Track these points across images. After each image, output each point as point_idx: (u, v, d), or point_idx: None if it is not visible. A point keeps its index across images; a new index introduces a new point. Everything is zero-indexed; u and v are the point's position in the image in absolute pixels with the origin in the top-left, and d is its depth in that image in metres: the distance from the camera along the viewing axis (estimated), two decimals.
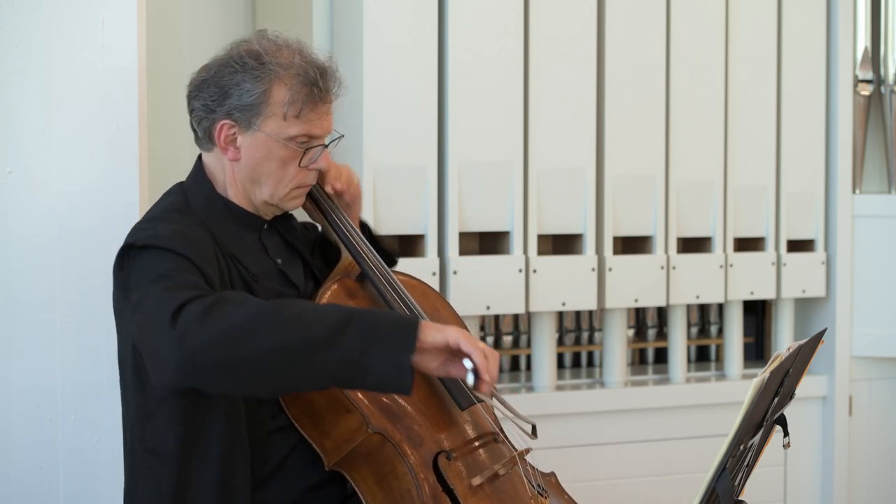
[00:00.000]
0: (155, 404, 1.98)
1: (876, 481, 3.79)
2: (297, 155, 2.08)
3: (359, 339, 1.82)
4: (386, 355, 1.82)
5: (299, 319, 1.83)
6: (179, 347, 1.78)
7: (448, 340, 1.89)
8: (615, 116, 3.32)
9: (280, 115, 2.05)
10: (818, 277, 3.67)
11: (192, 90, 2.12)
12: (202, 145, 2.15)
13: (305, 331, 1.82)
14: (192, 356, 1.78)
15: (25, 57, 2.34)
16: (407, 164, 3.05)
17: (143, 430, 2.00)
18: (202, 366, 1.79)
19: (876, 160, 3.83)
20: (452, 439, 2.10)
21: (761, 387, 1.69)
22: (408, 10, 3.05)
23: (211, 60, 2.12)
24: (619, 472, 3.41)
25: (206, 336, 1.78)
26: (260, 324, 1.80)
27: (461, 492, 2.02)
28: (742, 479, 1.94)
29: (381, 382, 1.85)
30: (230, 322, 1.79)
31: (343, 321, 1.83)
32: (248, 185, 2.11)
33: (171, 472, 1.97)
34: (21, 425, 2.36)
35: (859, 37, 3.71)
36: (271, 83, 2.04)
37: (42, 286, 2.37)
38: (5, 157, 2.34)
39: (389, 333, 1.84)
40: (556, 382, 3.39)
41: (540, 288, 3.21)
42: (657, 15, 3.37)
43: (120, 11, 2.41)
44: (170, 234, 1.96)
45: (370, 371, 1.82)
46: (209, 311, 1.79)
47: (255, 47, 2.07)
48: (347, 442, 2.03)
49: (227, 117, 2.06)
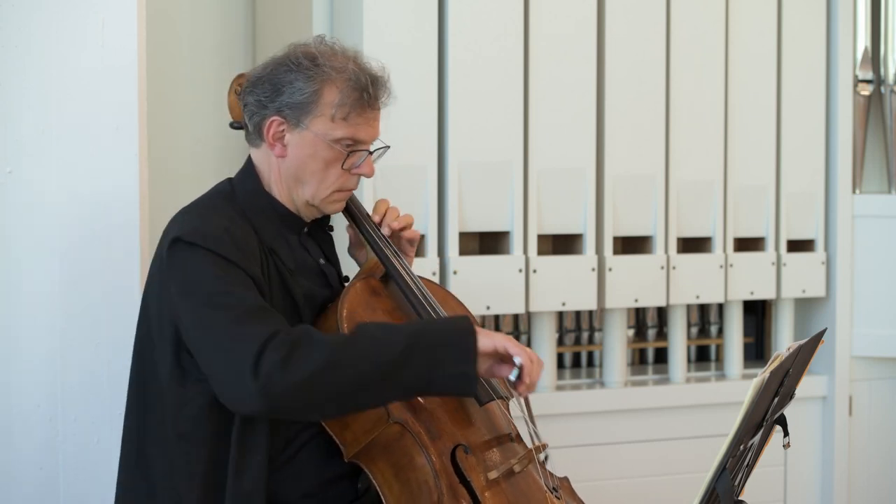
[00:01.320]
0: (193, 393, 2.04)
1: (876, 481, 3.79)
2: (340, 157, 2.13)
3: (426, 356, 1.96)
4: (452, 368, 1.97)
5: (373, 351, 1.95)
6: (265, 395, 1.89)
7: (496, 346, 2.02)
8: (615, 116, 3.32)
9: (328, 116, 2.10)
10: (818, 277, 3.67)
11: (248, 86, 2.17)
12: (252, 141, 2.19)
13: (380, 360, 1.94)
14: (280, 401, 1.91)
15: (25, 57, 2.34)
16: (407, 164, 3.05)
17: (176, 416, 2.05)
18: (289, 407, 1.94)
19: (876, 160, 3.83)
20: (470, 434, 2.12)
21: (761, 387, 1.69)
22: (408, 10, 3.05)
23: (268, 60, 2.18)
24: (619, 472, 3.41)
25: (292, 383, 1.90)
26: (336, 363, 1.92)
27: (478, 485, 2.04)
28: (742, 479, 1.94)
29: (448, 390, 2.02)
30: (311, 369, 1.91)
31: (410, 342, 1.96)
32: (292, 183, 2.15)
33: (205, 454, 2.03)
34: (21, 425, 2.36)
35: (859, 37, 3.71)
36: (323, 84, 2.10)
37: (42, 286, 2.37)
38: (5, 157, 2.34)
39: (454, 346, 1.99)
40: (556, 382, 3.39)
41: (540, 288, 3.21)
42: (657, 15, 3.37)
43: (120, 11, 2.41)
44: (217, 235, 2.02)
45: (437, 383, 1.98)
46: (290, 358, 1.90)
47: (312, 50, 2.14)
48: (367, 433, 2.06)
49: (278, 114, 2.11)
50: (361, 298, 2.16)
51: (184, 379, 2.04)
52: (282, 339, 1.92)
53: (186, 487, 2.03)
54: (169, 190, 2.58)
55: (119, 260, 2.43)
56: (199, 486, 2.03)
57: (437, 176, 3.09)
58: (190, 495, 2.03)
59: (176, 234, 2.03)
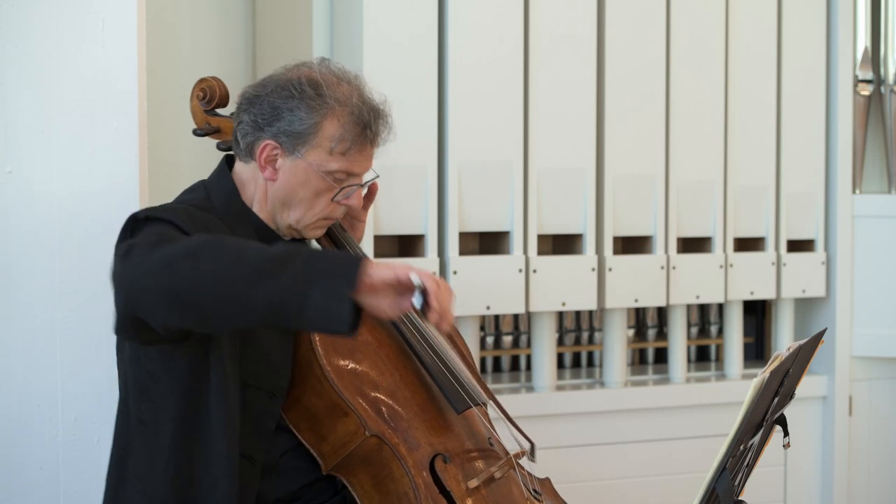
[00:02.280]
0: (150, 378, 1.99)
1: (876, 481, 3.79)
2: (332, 189, 2.09)
3: (299, 271, 1.74)
4: (326, 289, 1.72)
5: (242, 250, 1.78)
6: (127, 274, 1.78)
7: (397, 274, 1.78)
8: (615, 116, 3.32)
9: (326, 149, 2.06)
10: (818, 277, 3.67)
11: (244, 103, 2.12)
12: (240, 156, 2.15)
13: (245, 260, 1.76)
14: (136, 281, 1.77)
15: (25, 57, 2.34)
16: (407, 164, 3.05)
17: (138, 402, 2.01)
18: (143, 291, 1.78)
19: (876, 160, 3.83)
20: (449, 443, 2.10)
21: (761, 387, 1.69)
22: (408, 11, 3.05)
23: (268, 78, 2.13)
24: (619, 472, 3.41)
25: (151, 262, 1.77)
26: (202, 251, 1.77)
27: (458, 494, 2.02)
28: (742, 479, 1.94)
29: (320, 318, 1.73)
30: (175, 249, 1.77)
31: (287, 253, 1.77)
32: (278, 206, 2.12)
33: (163, 446, 1.97)
34: (21, 425, 2.36)
35: (859, 37, 3.71)
36: (324, 116, 2.06)
37: (42, 286, 2.37)
38: (5, 157, 2.34)
39: (331, 268, 1.75)
40: (556, 382, 3.39)
41: (540, 288, 3.21)
42: (657, 15, 3.37)
43: (120, 12, 2.41)
44: (174, 209, 1.97)
45: (309, 305, 1.72)
46: (159, 243, 1.79)
47: (316, 76, 2.09)
48: (345, 445, 2.03)
49: (274, 138, 2.07)
50: None
51: (138, 361, 2.00)
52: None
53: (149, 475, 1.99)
54: (169, 190, 2.56)
55: None
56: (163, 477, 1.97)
57: (437, 176, 3.09)
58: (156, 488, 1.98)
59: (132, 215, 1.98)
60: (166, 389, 1.98)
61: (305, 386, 2.05)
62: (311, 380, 2.04)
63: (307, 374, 2.05)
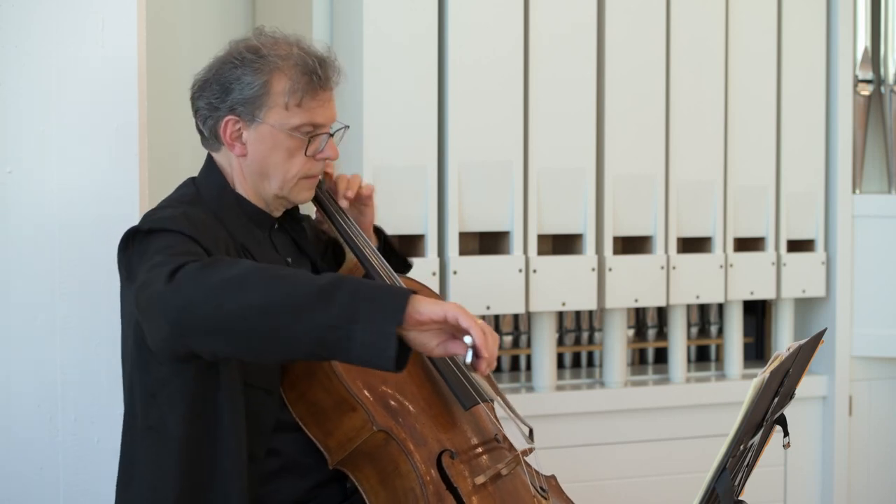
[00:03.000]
0: (159, 383, 1.99)
1: (876, 481, 3.79)
2: (302, 144, 2.09)
3: (346, 304, 1.72)
4: (372, 324, 1.71)
5: (289, 280, 1.77)
6: (172, 301, 1.76)
7: (446, 314, 1.76)
8: (615, 116, 3.32)
9: (282, 105, 2.07)
10: (818, 277, 3.67)
11: (196, 91, 2.14)
12: (210, 145, 2.16)
13: (293, 291, 1.74)
14: (184, 309, 1.76)
15: (25, 57, 2.34)
16: (407, 164, 3.05)
17: (146, 408, 2.01)
18: (192, 319, 1.76)
19: (876, 160, 3.83)
20: (456, 439, 2.10)
21: (761, 387, 1.69)
22: (408, 10, 3.05)
23: (212, 60, 2.14)
24: (619, 472, 3.41)
25: (198, 290, 1.76)
26: (249, 280, 1.76)
27: (464, 490, 2.02)
28: (742, 479, 1.94)
29: (365, 354, 1.72)
30: (221, 277, 1.76)
31: (332, 285, 1.74)
32: (258, 179, 2.12)
33: (173, 450, 1.97)
34: (21, 425, 2.36)
35: (859, 37, 3.71)
36: (271, 74, 2.06)
37: (42, 286, 2.37)
38: (5, 157, 2.34)
39: (379, 302, 1.72)
40: (556, 382, 3.39)
41: (540, 288, 3.21)
42: (657, 15, 3.37)
43: (120, 11, 2.41)
44: (174, 216, 1.98)
45: (354, 339, 1.71)
46: (204, 269, 1.78)
47: (254, 42, 2.10)
48: (351, 440, 2.03)
49: (231, 112, 2.08)
50: None
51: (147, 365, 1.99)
52: (207, 258, 1.84)
53: (159, 483, 1.99)
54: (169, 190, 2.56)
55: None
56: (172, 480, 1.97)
57: (437, 176, 3.09)
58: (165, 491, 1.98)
59: (133, 228, 1.99)
60: (176, 393, 1.98)
61: (313, 381, 2.05)
62: (319, 374, 2.04)
63: (315, 369, 2.05)
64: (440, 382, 2.15)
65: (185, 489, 1.97)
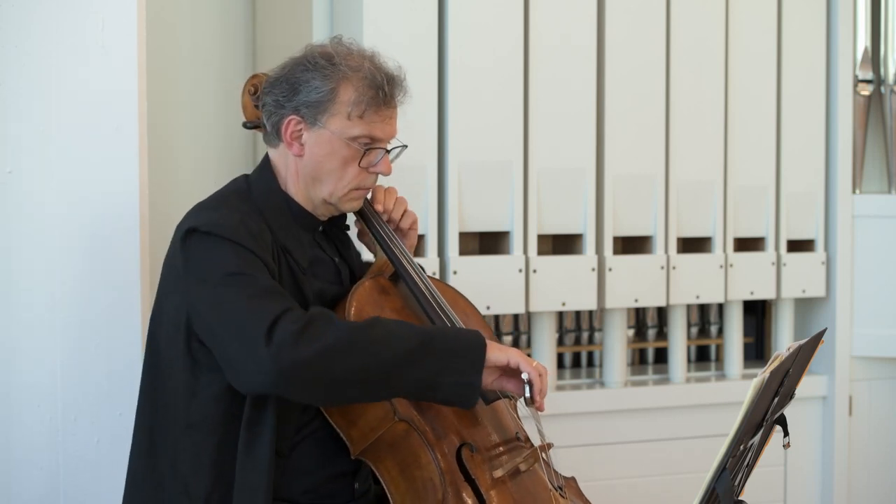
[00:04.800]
0: (204, 383, 2.05)
1: (876, 481, 3.79)
2: (357, 155, 2.15)
3: (436, 360, 1.99)
4: (459, 377, 2.00)
5: (385, 342, 1.97)
6: (276, 363, 1.89)
7: (509, 361, 2.06)
8: (615, 116, 3.32)
9: (345, 115, 2.12)
10: (818, 277, 3.67)
11: (266, 87, 2.19)
12: (270, 141, 2.21)
13: (391, 352, 1.96)
14: (289, 372, 1.90)
15: (25, 57, 2.34)
16: (407, 164, 3.04)
17: (188, 405, 2.07)
18: (297, 381, 1.92)
19: (876, 160, 3.83)
20: (475, 433, 2.13)
21: (761, 387, 1.69)
22: (408, 11, 3.05)
23: (286, 61, 2.19)
24: (618, 472, 3.41)
25: (304, 355, 1.91)
26: (352, 345, 1.94)
27: (483, 483, 2.05)
28: (742, 479, 1.94)
29: (450, 399, 2.02)
30: (326, 343, 1.92)
31: (423, 343, 1.99)
32: (310, 182, 2.17)
33: (210, 447, 2.05)
34: (21, 425, 2.36)
35: (859, 37, 3.71)
36: (339, 82, 2.12)
37: (42, 286, 2.37)
38: (5, 157, 2.34)
39: (463, 356, 2.02)
40: (556, 382, 3.39)
41: (540, 288, 3.21)
42: (657, 15, 3.37)
43: (120, 12, 2.41)
44: (233, 224, 2.04)
45: (442, 388, 2.00)
46: (304, 331, 1.92)
47: (329, 50, 2.16)
48: (374, 430, 2.07)
49: (295, 113, 2.13)
50: (370, 296, 2.17)
51: (195, 369, 2.06)
52: (298, 314, 1.95)
53: (194, 478, 2.05)
54: (169, 190, 2.57)
55: (119, 259, 2.43)
56: (207, 476, 2.04)
57: (437, 176, 3.09)
58: (198, 486, 2.04)
59: (191, 224, 2.05)
60: (217, 394, 2.04)
61: None
62: None
63: None
64: None
65: (216, 486, 2.04)
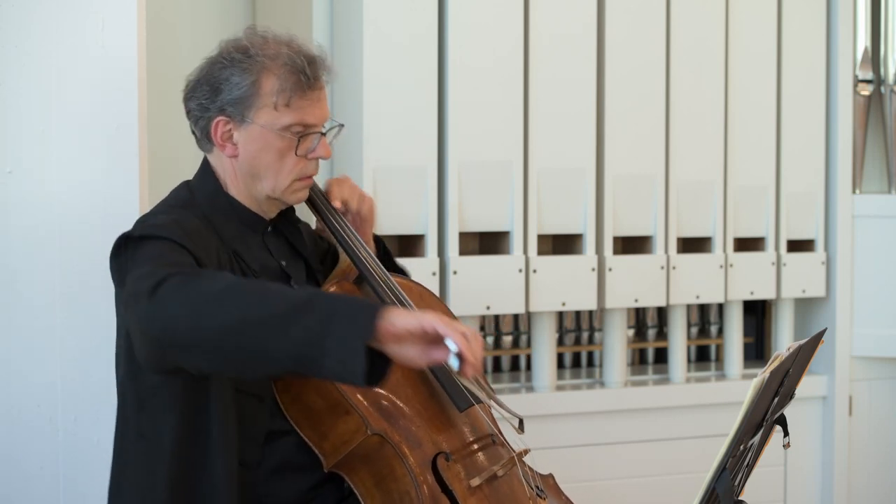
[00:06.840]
0: (150, 392, 1.99)
1: (876, 481, 3.79)
2: (292, 145, 2.07)
3: (319, 319, 1.71)
4: (343, 340, 1.70)
5: (264, 295, 1.77)
6: (154, 318, 1.76)
7: (423, 324, 1.73)
8: (615, 116, 3.32)
9: (271, 105, 2.05)
10: (818, 277, 3.67)
11: (187, 92, 2.13)
12: (203, 146, 2.16)
13: (267, 306, 1.74)
14: (165, 327, 1.76)
15: (25, 57, 2.34)
16: (407, 164, 3.05)
17: (137, 417, 2.01)
18: (173, 337, 1.77)
19: (876, 160, 3.83)
20: (451, 441, 2.10)
21: (761, 387, 1.69)
22: (408, 11, 3.05)
23: (202, 61, 2.13)
24: (619, 472, 3.41)
25: (178, 306, 1.76)
26: (226, 296, 1.76)
27: (460, 493, 2.02)
28: (742, 479, 1.94)
29: (337, 369, 1.72)
30: (200, 293, 1.77)
31: (307, 301, 1.74)
32: (249, 180, 2.11)
33: (163, 459, 1.98)
34: (21, 425, 2.36)
35: (859, 37, 3.71)
36: (259, 74, 2.05)
37: (42, 286, 2.37)
38: (5, 157, 2.34)
39: (351, 316, 1.71)
40: (556, 382, 3.39)
41: (540, 288, 3.21)
42: (657, 15, 3.37)
43: (120, 11, 2.41)
44: (166, 223, 1.97)
45: (328, 354, 1.70)
46: (184, 284, 1.78)
47: (243, 42, 2.09)
48: (346, 443, 2.03)
49: (221, 113, 2.07)
50: None
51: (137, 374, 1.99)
52: (189, 271, 1.84)
53: (150, 490, 1.99)
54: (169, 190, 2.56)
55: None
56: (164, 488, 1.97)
57: (437, 176, 3.09)
58: (157, 495, 1.98)
59: (125, 233, 1.99)
60: (166, 402, 1.98)
61: (307, 383, 2.05)
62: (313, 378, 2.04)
63: None
64: (435, 384, 2.14)
65: (174, 497, 1.97)
